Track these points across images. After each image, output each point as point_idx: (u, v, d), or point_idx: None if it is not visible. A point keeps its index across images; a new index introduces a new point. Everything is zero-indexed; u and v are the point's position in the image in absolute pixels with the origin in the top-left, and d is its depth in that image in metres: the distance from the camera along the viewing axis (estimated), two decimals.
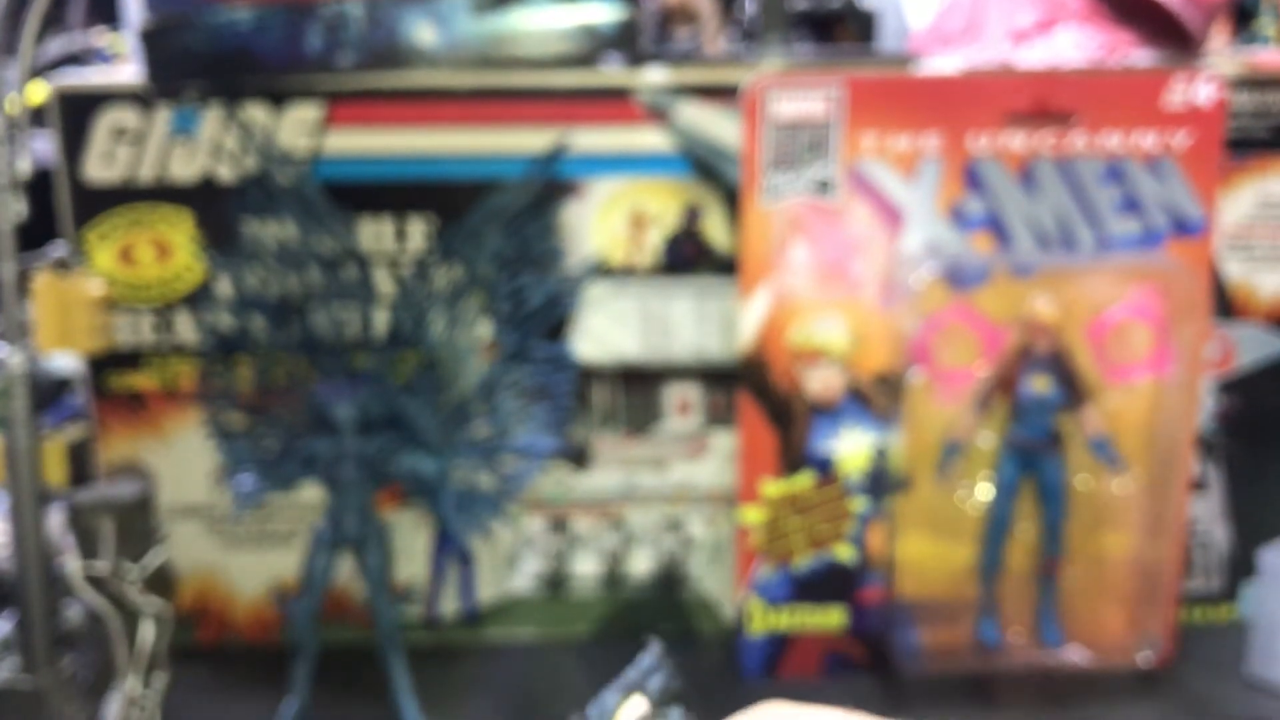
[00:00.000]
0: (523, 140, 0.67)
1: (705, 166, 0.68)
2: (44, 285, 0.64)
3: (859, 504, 0.67)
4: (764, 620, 0.69)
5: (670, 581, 0.73)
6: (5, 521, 0.64)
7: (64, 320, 0.65)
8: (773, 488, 0.67)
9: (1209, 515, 0.73)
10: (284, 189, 0.65)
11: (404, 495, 0.70)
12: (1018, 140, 0.64)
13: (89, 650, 0.60)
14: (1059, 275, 0.65)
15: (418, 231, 0.68)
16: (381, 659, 0.63)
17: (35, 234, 0.63)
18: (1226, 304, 0.70)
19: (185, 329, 0.69)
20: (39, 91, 0.66)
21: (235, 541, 0.72)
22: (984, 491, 0.66)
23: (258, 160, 0.66)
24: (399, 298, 0.65)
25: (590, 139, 0.67)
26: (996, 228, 0.65)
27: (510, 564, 0.73)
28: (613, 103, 0.67)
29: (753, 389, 0.66)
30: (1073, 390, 0.65)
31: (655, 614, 0.73)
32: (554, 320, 0.67)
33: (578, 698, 0.65)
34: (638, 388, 0.71)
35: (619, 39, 0.67)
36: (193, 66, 0.65)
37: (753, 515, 0.68)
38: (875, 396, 0.66)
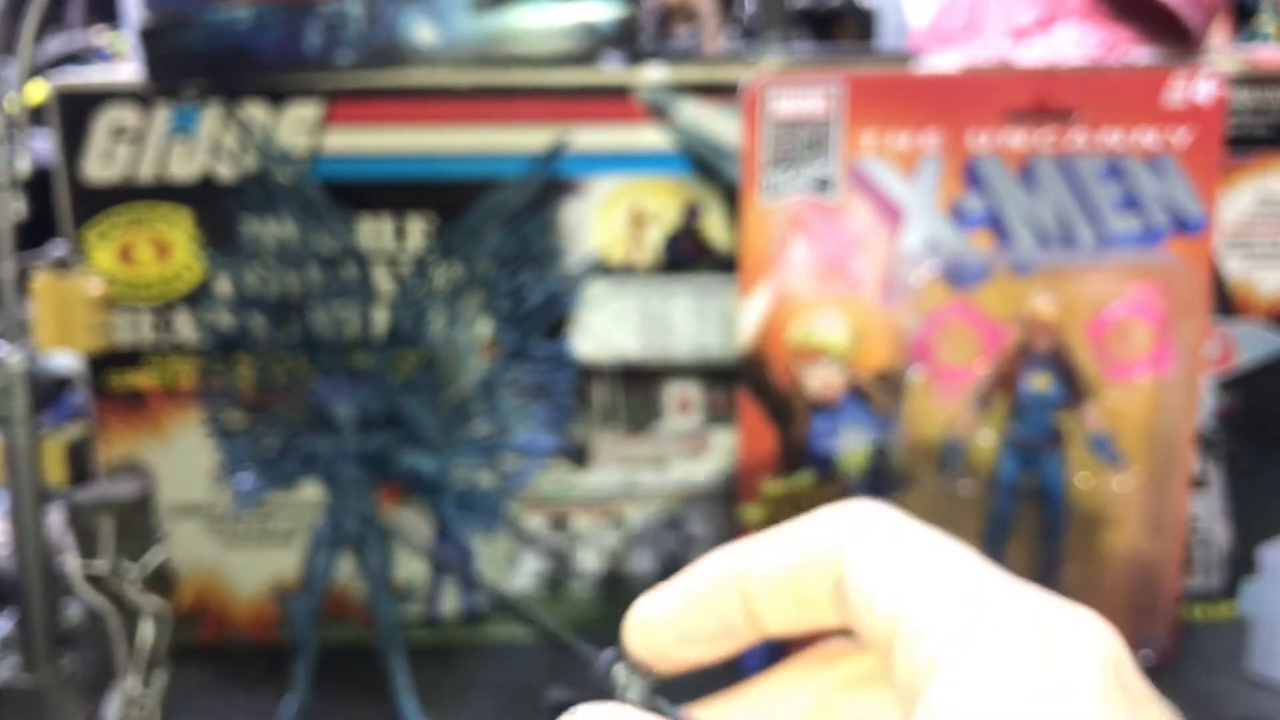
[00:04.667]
0: (522, 138, 0.67)
1: (705, 165, 0.68)
2: (43, 284, 0.64)
3: None
4: None
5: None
6: (5, 520, 0.64)
7: (64, 319, 0.65)
8: (773, 486, 0.67)
9: (1209, 513, 0.73)
10: (283, 188, 0.65)
11: (404, 494, 0.70)
12: (1017, 138, 0.64)
13: (89, 649, 0.60)
14: (1059, 273, 0.65)
15: (417, 230, 0.68)
16: (381, 658, 0.63)
17: (35, 233, 0.63)
18: (1227, 302, 0.70)
19: (185, 328, 0.69)
20: (38, 90, 0.66)
21: (235, 540, 0.72)
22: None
23: (257, 159, 0.66)
24: (398, 296, 0.65)
25: (590, 137, 0.67)
26: (996, 225, 0.65)
27: (510, 562, 0.73)
28: (612, 101, 0.67)
29: (753, 387, 0.66)
30: (1073, 388, 0.65)
31: None
32: (554, 318, 0.67)
33: (578, 697, 0.65)
34: (637, 386, 0.71)
35: (618, 37, 0.67)
36: (192, 65, 0.65)
37: (753, 513, 0.68)
38: (875, 394, 0.66)
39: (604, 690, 0.29)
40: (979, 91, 0.64)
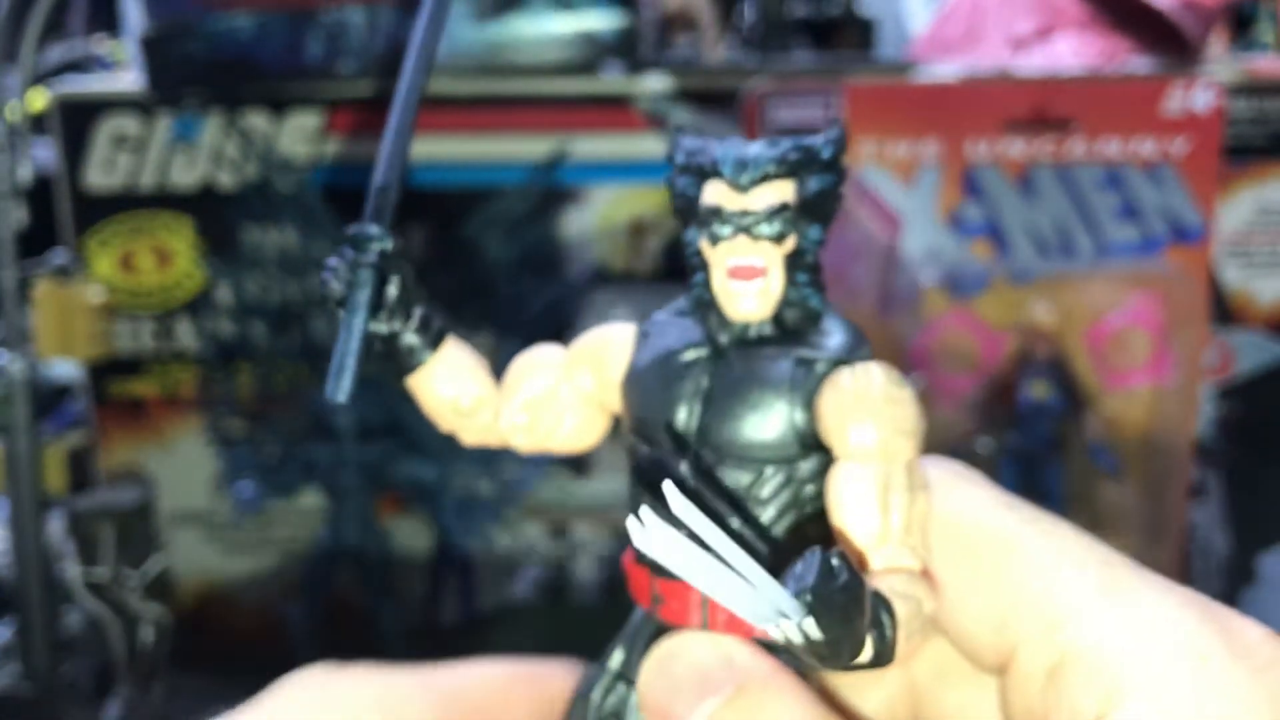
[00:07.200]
0: (523, 147, 0.67)
1: None
2: (45, 292, 0.64)
3: None
4: None
5: None
6: (5, 528, 0.64)
7: (64, 327, 0.65)
8: None
9: (1208, 521, 0.73)
10: (284, 196, 0.65)
11: (404, 502, 0.70)
12: (1016, 147, 0.64)
13: (89, 656, 0.60)
14: (1058, 282, 0.65)
15: (418, 239, 0.68)
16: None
17: (36, 241, 0.64)
18: (1225, 310, 0.70)
19: (185, 336, 0.69)
20: (40, 99, 0.67)
21: (235, 548, 0.72)
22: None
23: (258, 167, 0.66)
24: None
25: (590, 146, 0.67)
26: (995, 234, 0.65)
27: (510, 571, 0.73)
28: (613, 110, 0.67)
29: None
30: (1072, 396, 0.65)
31: None
32: (555, 327, 0.67)
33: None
34: None
35: (619, 46, 0.67)
36: (193, 74, 0.66)
37: None
38: None
39: None
40: (978, 101, 0.64)
